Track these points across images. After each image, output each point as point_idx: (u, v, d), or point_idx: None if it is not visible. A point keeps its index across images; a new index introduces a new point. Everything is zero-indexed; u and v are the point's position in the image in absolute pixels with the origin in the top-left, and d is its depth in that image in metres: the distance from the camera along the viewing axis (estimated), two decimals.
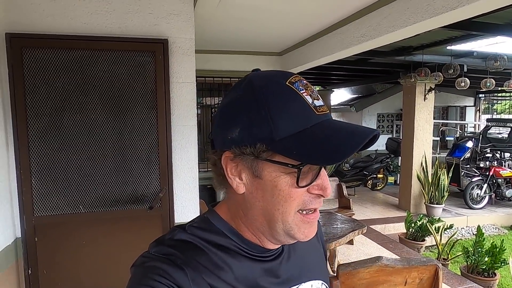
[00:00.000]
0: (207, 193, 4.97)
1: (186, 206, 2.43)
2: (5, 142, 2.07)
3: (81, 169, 2.20)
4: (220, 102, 5.35)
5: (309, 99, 0.51)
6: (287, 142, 0.49)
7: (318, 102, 0.52)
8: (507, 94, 11.15)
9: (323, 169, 0.53)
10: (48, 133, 2.13)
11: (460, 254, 4.18)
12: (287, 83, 0.52)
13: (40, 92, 2.10)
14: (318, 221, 0.77)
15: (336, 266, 2.71)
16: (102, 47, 2.18)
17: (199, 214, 0.66)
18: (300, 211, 0.54)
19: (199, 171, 2.51)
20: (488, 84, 5.19)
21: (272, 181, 0.52)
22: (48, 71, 2.11)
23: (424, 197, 6.17)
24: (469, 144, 7.35)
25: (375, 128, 10.21)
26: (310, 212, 0.55)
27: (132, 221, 2.31)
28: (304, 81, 0.53)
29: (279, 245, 0.61)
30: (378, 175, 7.87)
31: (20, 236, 2.13)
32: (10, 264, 2.07)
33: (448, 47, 4.70)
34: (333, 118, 0.54)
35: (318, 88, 11.21)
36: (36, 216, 2.14)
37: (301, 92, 0.51)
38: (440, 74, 5.24)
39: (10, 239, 2.08)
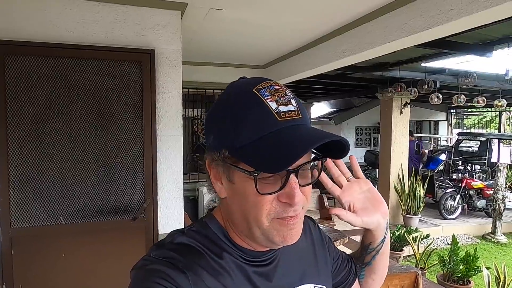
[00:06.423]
0: (190, 205, 4.91)
1: (171, 217, 2.40)
2: None
3: (63, 179, 2.14)
4: (204, 113, 5.35)
5: (273, 105, 0.51)
6: (246, 149, 0.51)
7: (285, 108, 0.52)
8: (476, 110, 11.73)
9: (292, 176, 0.51)
10: (29, 142, 2.08)
11: (437, 263, 4.29)
12: (254, 90, 0.53)
13: (22, 100, 2.05)
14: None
15: None
16: (88, 56, 2.16)
17: (183, 226, 0.67)
18: (277, 218, 0.53)
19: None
20: (459, 99, 5.45)
21: (242, 187, 0.53)
22: (31, 78, 2.07)
23: (402, 208, 6.34)
24: (443, 156, 7.65)
25: (353, 140, 10.54)
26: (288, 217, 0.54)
27: (115, 233, 2.26)
28: (275, 87, 0.54)
29: (269, 248, 0.61)
30: None
31: None
32: None
33: (423, 64, 4.93)
34: (304, 124, 0.54)
35: None
36: (14, 227, 2.06)
37: (265, 98, 0.52)
38: (415, 89, 5.47)
39: None
